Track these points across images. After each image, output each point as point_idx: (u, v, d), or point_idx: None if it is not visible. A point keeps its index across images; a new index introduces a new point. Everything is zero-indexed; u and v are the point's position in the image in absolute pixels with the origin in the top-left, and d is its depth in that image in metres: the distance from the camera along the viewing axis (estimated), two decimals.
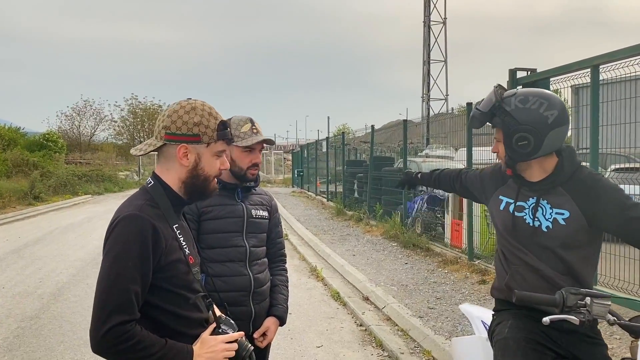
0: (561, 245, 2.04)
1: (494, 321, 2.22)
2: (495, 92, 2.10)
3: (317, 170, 21.07)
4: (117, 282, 1.51)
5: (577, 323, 1.64)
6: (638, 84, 5.18)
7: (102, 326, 1.48)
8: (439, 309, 5.84)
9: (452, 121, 13.11)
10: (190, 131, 1.65)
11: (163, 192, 1.68)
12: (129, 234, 1.55)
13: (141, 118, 43.34)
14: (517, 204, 2.14)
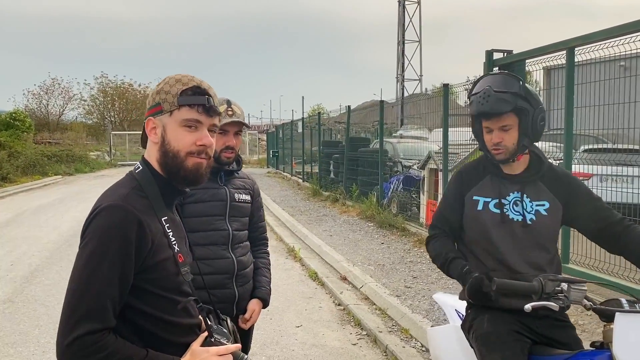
0: (546, 236, 2.09)
1: (469, 315, 2.23)
2: (514, 75, 2.10)
3: (293, 150, 21.00)
4: (89, 284, 1.31)
5: (556, 309, 1.67)
6: (607, 66, 5.30)
7: (67, 334, 1.28)
8: (415, 287, 5.93)
9: (427, 102, 13.18)
10: (153, 101, 1.47)
11: (152, 179, 1.48)
12: (108, 228, 1.34)
13: (111, 97, 42.44)
14: (497, 200, 2.11)
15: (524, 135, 2.06)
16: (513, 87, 2.03)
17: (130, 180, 1.49)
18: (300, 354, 4.42)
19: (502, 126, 2.06)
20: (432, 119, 12.61)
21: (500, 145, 2.08)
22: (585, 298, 1.70)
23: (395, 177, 10.55)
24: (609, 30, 4.85)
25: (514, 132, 2.06)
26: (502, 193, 2.12)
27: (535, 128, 2.06)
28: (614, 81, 5.16)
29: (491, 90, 2.03)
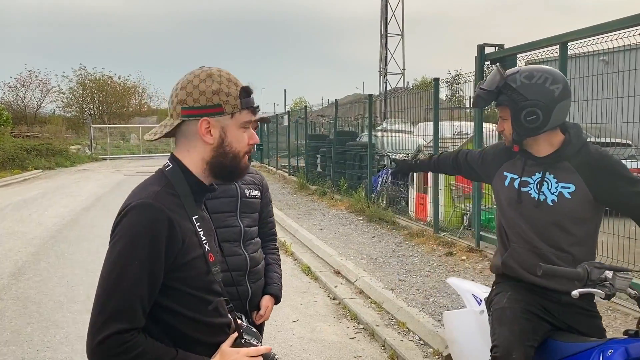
0: (568, 218, 2.09)
1: (492, 292, 2.30)
2: (500, 71, 2.12)
3: (277, 144, 20.93)
4: (118, 283, 1.29)
5: (602, 296, 1.69)
6: (588, 61, 5.38)
7: (97, 334, 1.27)
8: (409, 281, 5.96)
9: (411, 96, 13.22)
10: (210, 102, 1.42)
11: (183, 177, 1.45)
12: (139, 226, 1.32)
13: (90, 89, 41.80)
14: (522, 179, 2.19)
15: (513, 128, 2.15)
16: (490, 85, 2.14)
17: (160, 178, 1.46)
18: (299, 348, 4.41)
19: (501, 116, 2.22)
20: (416, 112, 12.69)
21: (502, 133, 2.24)
22: (629, 287, 1.71)
23: (384, 171, 10.58)
24: (601, 25, 4.90)
25: (509, 123, 2.17)
26: (527, 172, 2.20)
27: (519, 123, 2.10)
28: (598, 76, 5.25)
29: (478, 87, 2.23)
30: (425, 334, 4.47)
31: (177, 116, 1.44)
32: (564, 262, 2.06)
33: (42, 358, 4.20)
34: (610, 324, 4.33)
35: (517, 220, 2.18)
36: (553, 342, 2.03)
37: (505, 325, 2.04)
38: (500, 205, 2.29)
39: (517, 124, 2.11)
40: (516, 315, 2.06)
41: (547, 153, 2.17)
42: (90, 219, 10.18)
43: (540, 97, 2.06)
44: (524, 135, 2.13)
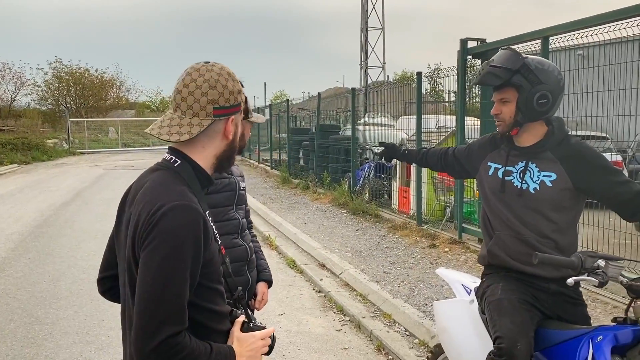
0: (549, 206, 2.16)
1: (482, 284, 2.34)
2: (517, 52, 2.16)
3: (259, 137, 20.85)
4: (166, 288, 1.29)
5: (596, 284, 1.73)
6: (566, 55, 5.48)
7: (151, 339, 1.27)
8: (394, 273, 6.01)
9: (392, 90, 13.29)
10: (236, 101, 1.48)
11: (193, 173, 1.47)
12: (181, 229, 1.32)
13: (67, 82, 41.03)
14: (506, 168, 2.24)
15: (519, 111, 2.16)
16: (509, 62, 2.13)
17: (175, 176, 1.45)
18: (286, 341, 4.43)
19: (502, 99, 2.20)
20: (397, 106, 12.74)
21: (498, 117, 2.22)
22: (621, 275, 1.76)
23: (367, 164, 10.62)
24: (582, 20, 4.99)
25: (512, 106, 2.18)
26: (510, 162, 2.26)
27: (529, 105, 2.13)
28: (576, 70, 5.35)
29: (488, 64, 2.17)
30: (411, 325, 4.53)
31: (208, 116, 1.44)
32: (547, 248, 2.14)
33: (26, 354, 4.15)
34: (590, 313, 4.43)
35: (501, 208, 2.24)
36: (543, 330, 2.08)
37: (506, 316, 2.07)
38: (485, 195, 2.35)
39: (527, 106, 2.14)
40: (514, 305, 2.11)
41: (531, 143, 2.23)
42: (70, 214, 10.03)
43: (551, 83, 2.13)
44: (530, 118, 2.16)
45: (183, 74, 1.47)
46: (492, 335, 2.10)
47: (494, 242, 2.28)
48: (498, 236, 2.26)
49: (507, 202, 2.22)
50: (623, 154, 7.57)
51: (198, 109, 1.44)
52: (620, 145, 7.19)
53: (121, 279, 1.53)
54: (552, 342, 2.02)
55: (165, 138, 1.43)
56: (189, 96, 1.43)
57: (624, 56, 5.11)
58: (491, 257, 2.29)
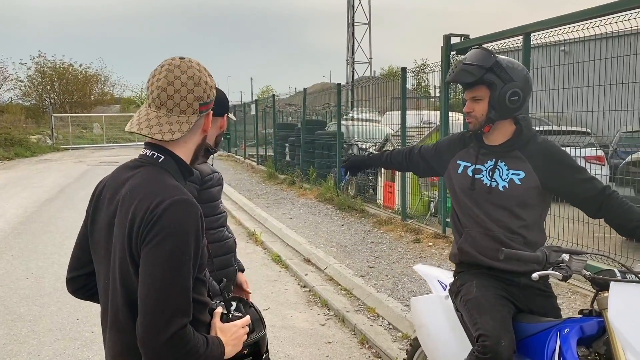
0: (517, 203, 2.21)
1: (455, 282, 2.37)
2: (489, 50, 2.20)
3: (245, 133, 20.79)
4: (174, 281, 1.32)
5: (560, 278, 1.77)
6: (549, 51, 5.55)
7: (162, 333, 1.30)
8: (378, 267, 6.06)
9: (378, 85, 13.33)
10: (213, 95, 1.54)
11: (177, 167, 1.50)
12: (185, 223, 1.35)
13: (50, 77, 40.55)
14: (476, 166, 2.28)
15: (491, 108, 2.19)
16: (482, 61, 2.17)
17: (164, 172, 1.47)
18: (270, 336, 4.45)
19: (473, 97, 2.23)
20: (383, 102, 12.78)
21: (470, 115, 2.25)
22: (584, 268, 1.80)
23: None
24: (563, 17, 5.06)
25: (484, 104, 2.21)
26: (480, 160, 2.29)
27: (502, 103, 2.17)
28: (559, 66, 5.43)
29: (461, 62, 2.21)
30: (394, 319, 4.57)
31: (194, 112, 1.48)
32: (516, 243, 2.19)
33: (9, 351, 4.13)
34: (570, 305, 4.52)
35: (471, 206, 2.28)
36: (516, 324, 2.12)
37: (487, 314, 2.10)
38: (454, 193, 2.38)
39: (500, 104, 2.17)
40: (491, 302, 2.14)
41: (500, 142, 2.27)
42: (54, 211, 9.95)
43: (522, 81, 2.18)
44: (502, 115, 2.20)
45: (162, 71, 1.47)
46: (473, 333, 2.12)
47: (464, 239, 2.32)
48: (468, 233, 2.30)
49: (477, 199, 2.26)
50: (605, 149, 7.70)
51: (185, 107, 1.46)
52: (603, 140, 7.31)
53: (101, 279, 1.52)
54: (524, 334, 2.06)
55: (158, 137, 1.44)
56: (175, 94, 1.45)
57: (606, 52, 5.18)
58: (462, 254, 2.33)
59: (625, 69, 4.80)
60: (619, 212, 2.09)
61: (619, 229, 2.13)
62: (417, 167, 2.65)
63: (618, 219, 2.10)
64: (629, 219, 2.07)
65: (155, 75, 1.49)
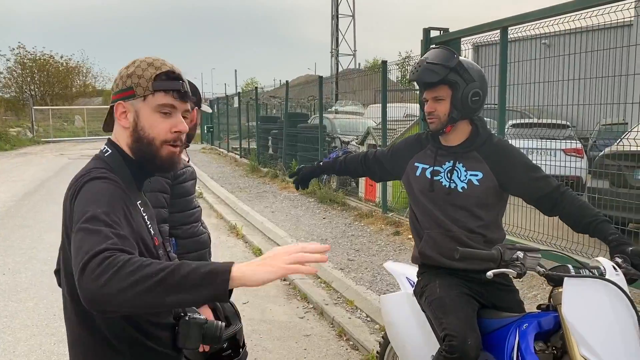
0: (476, 204, 2.24)
1: (419, 283, 2.38)
2: (452, 50, 2.20)
3: (229, 126, 20.68)
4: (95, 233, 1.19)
5: (514, 275, 1.78)
6: (531, 44, 5.60)
7: (83, 270, 1.13)
8: (358, 260, 6.09)
9: (362, 78, 13.34)
10: (124, 85, 1.41)
11: (122, 161, 1.43)
12: (101, 192, 1.29)
13: (30, 69, 39.92)
14: (434, 168, 2.29)
15: (454, 108, 2.20)
16: (446, 60, 2.17)
17: (100, 163, 1.42)
18: (249, 329, 4.45)
19: (435, 97, 2.22)
20: (367, 94, 12.79)
21: (432, 114, 2.25)
22: (538, 265, 1.83)
23: (335, 153, 10.66)
24: (541, 11, 5.09)
25: (446, 104, 2.20)
26: (438, 162, 2.30)
27: (465, 102, 2.18)
28: (539, 59, 5.47)
29: (424, 61, 2.19)
30: (372, 311, 4.61)
31: (111, 102, 1.47)
32: (476, 243, 2.22)
33: None
34: (545, 297, 4.59)
35: (431, 208, 2.28)
36: (479, 320, 2.15)
37: (451, 313, 2.12)
38: (413, 195, 2.38)
39: (462, 104, 2.19)
40: (455, 301, 2.16)
41: (457, 143, 2.29)
42: (33, 205, 9.83)
43: (481, 81, 2.21)
44: (465, 115, 2.22)
45: None
46: (439, 333, 2.13)
47: (425, 241, 2.32)
48: (428, 234, 2.31)
49: (436, 201, 2.27)
50: (584, 142, 7.80)
51: (110, 100, 1.48)
52: (582, 133, 7.40)
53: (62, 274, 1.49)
54: (487, 330, 2.09)
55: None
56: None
57: (586, 46, 5.24)
58: (423, 257, 2.34)
59: (604, 62, 4.85)
60: (572, 209, 2.13)
61: (573, 226, 2.16)
62: (374, 172, 2.62)
63: (571, 215, 2.14)
64: (581, 215, 2.10)
65: None
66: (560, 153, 6.81)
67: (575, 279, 1.77)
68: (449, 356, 2.03)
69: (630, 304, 1.73)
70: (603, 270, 1.79)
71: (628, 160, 5.11)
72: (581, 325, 1.71)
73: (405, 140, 2.50)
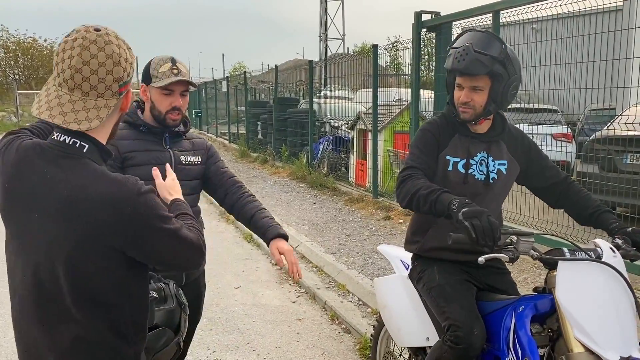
0: (502, 193, 2.23)
1: (416, 267, 2.34)
2: (499, 38, 2.05)
3: (217, 111, 20.53)
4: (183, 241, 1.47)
5: (507, 260, 1.77)
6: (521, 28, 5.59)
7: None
8: (349, 245, 6.11)
9: (351, 62, 13.26)
10: (132, 73, 1.41)
11: (98, 154, 1.40)
12: (154, 208, 1.41)
13: (14, 52, 39.24)
14: (466, 161, 2.15)
15: (492, 101, 2.05)
16: (494, 50, 1.99)
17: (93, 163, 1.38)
18: (241, 314, 4.47)
19: (474, 86, 2.05)
20: (356, 79, 12.73)
21: (468, 104, 2.08)
22: (532, 249, 1.82)
23: (325, 138, 10.65)
24: None
25: (484, 94, 2.04)
26: (470, 153, 2.15)
27: (505, 96, 2.06)
28: (529, 44, 5.47)
29: (471, 49, 1.98)
30: (364, 295, 4.63)
31: (113, 95, 1.37)
32: None
33: None
34: (535, 280, 4.64)
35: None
36: (477, 303, 2.15)
37: (454, 301, 2.07)
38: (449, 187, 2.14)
39: (502, 97, 2.06)
40: (456, 289, 2.11)
41: (486, 129, 2.20)
42: None
43: (519, 73, 2.08)
44: (502, 107, 2.12)
45: (74, 47, 1.31)
46: (441, 322, 2.09)
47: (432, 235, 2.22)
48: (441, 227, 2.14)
49: (467, 194, 2.09)
50: (572, 127, 7.85)
51: (103, 90, 1.34)
52: (570, 118, 7.44)
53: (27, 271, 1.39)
54: (483, 313, 2.09)
55: (74, 127, 1.31)
56: (91, 75, 1.31)
57: (576, 30, 5.24)
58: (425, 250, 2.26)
59: (593, 47, 4.86)
60: (576, 200, 2.14)
61: (577, 217, 2.17)
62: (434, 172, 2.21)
63: (576, 207, 2.14)
64: (585, 207, 2.11)
65: (66, 50, 1.32)
66: (549, 138, 6.86)
67: (570, 262, 1.77)
68: (454, 346, 1.97)
69: (628, 287, 1.73)
70: (600, 253, 1.80)
71: (619, 145, 5.15)
72: (575, 309, 1.72)
73: (434, 128, 2.18)
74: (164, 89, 2.20)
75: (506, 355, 1.88)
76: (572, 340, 1.71)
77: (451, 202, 1.83)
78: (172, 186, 1.77)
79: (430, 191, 1.93)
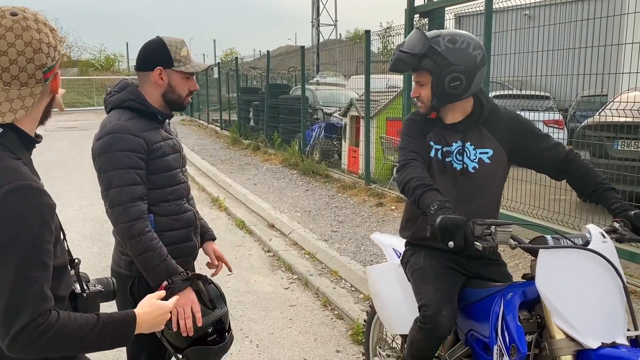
0: (488, 182, 2.18)
1: (407, 252, 2.36)
2: (423, 33, 2.08)
3: (209, 97, 20.39)
4: (21, 276, 1.20)
5: (480, 249, 1.76)
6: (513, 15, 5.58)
7: (10, 330, 1.18)
8: (342, 231, 6.12)
9: (343, 49, 13.20)
10: (59, 54, 1.34)
11: (19, 140, 1.31)
12: (24, 213, 1.21)
13: None
14: (444, 149, 2.17)
15: (433, 95, 2.10)
16: (417, 47, 2.04)
17: (1, 148, 1.29)
18: (234, 300, 4.47)
19: (418, 82, 2.14)
20: (349, 65, 12.67)
21: (418, 99, 2.18)
22: (512, 238, 1.79)
23: (317, 125, 10.61)
24: None
25: (428, 89, 2.11)
26: (447, 142, 2.17)
27: (441, 89, 2.06)
28: (521, 30, 5.46)
29: (398, 49, 2.11)
30: (357, 281, 4.65)
31: (38, 82, 1.31)
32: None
33: None
34: (526, 266, 4.68)
35: (445, 190, 2.12)
36: (465, 290, 2.16)
37: (430, 283, 2.11)
38: (432, 175, 2.20)
39: (439, 90, 2.07)
40: (436, 272, 2.15)
41: (461, 118, 2.18)
42: None
43: (463, 62, 2.04)
44: (444, 101, 2.11)
45: None
46: (417, 303, 2.13)
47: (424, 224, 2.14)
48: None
49: (447, 183, 2.16)
50: (564, 113, 7.87)
51: (26, 78, 1.27)
52: (562, 104, 7.46)
53: None
54: (472, 300, 2.10)
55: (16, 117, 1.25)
56: (11, 65, 1.24)
57: (568, 16, 5.23)
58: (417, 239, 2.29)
59: (585, 33, 4.85)
60: (579, 175, 2.12)
61: (580, 192, 2.17)
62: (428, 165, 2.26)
63: (578, 182, 2.13)
64: (587, 183, 2.10)
65: None
66: (540, 124, 6.87)
67: (550, 250, 1.76)
68: (422, 326, 2.03)
69: (616, 273, 1.74)
70: (589, 239, 1.80)
71: (610, 131, 5.17)
72: (554, 296, 1.72)
73: (414, 123, 2.26)
74: (185, 74, 2.15)
75: (494, 342, 1.89)
76: (553, 327, 1.72)
77: (431, 204, 1.87)
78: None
79: (418, 185, 1.99)
